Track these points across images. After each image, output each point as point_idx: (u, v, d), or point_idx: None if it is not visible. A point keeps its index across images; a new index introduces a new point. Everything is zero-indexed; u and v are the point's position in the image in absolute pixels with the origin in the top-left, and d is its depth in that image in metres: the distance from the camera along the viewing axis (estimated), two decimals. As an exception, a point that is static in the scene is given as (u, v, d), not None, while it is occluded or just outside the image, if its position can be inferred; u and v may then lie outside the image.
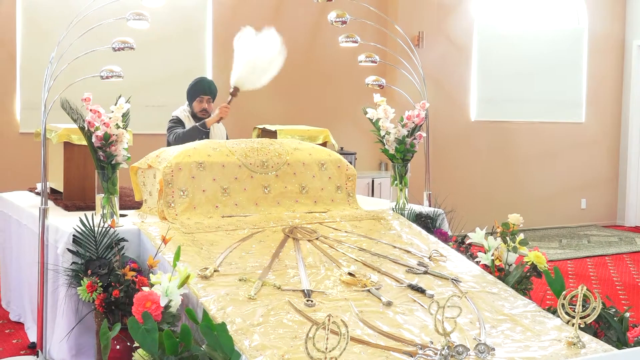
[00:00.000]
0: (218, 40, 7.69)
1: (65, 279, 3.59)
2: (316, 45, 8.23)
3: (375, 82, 5.13)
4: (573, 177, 10.13)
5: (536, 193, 9.82)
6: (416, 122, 4.81)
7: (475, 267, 3.91)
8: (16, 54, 6.83)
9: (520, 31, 9.67)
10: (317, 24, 8.12)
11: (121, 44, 4.06)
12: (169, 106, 6.42)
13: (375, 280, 3.54)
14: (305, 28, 8.24)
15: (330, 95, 8.42)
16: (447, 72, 9.08)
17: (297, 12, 8.16)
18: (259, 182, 4.37)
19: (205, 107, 5.76)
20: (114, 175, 3.93)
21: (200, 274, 3.35)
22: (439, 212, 4.82)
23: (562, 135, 10.03)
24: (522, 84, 9.71)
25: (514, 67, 9.64)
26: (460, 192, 8.75)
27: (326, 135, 5.44)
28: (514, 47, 9.63)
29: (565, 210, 10.06)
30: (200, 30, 7.68)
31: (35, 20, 6.86)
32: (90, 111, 3.85)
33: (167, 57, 7.41)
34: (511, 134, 9.65)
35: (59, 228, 3.83)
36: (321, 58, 8.29)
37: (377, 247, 4.03)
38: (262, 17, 8.03)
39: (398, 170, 4.85)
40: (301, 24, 8.23)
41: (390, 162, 4.95)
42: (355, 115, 7.84)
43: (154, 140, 6.40)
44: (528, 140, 9.78)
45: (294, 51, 8.22)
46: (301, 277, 3.50)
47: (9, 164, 6.80)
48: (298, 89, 8.24)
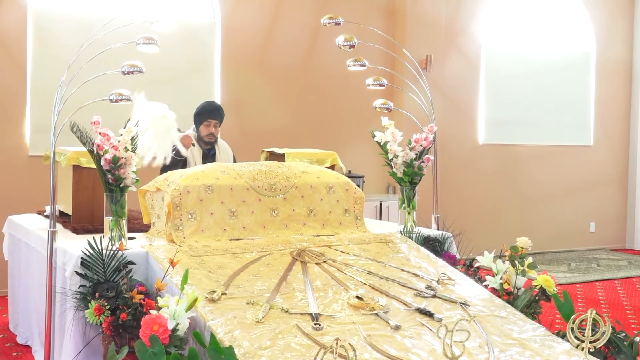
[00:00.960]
0: (227, 64, 7.74)
1: (73, 302, 3.58)
2: (324, 69, 8.27)
3: (383, 106, 5.14)
4: (582, 200, 10.10)
5: (545, 216, 9.78)
6: (424, 145, 4.81)
7: (483, 291, 3.89)
8: (27, 76, 6.88)
9: (529, 54, 9.69)
10: (325, 48, 8.16)
11: (130, 68, 4.08)
12: (178, 129, 6.45)
13: (383, 303, 3.52)
14: (313, 51, 8.28)
15: (338, 118, 8.44)
16: (455, 95, 9.10)
17: (304, 35, 8.20)
18: (266, 205, 4.37)
19: (212, 132, 5.76)
20: (122, 198, 3.93)
21: (208, 297, 3.35)
22: (447, 235, 4.81)
23: (570, 158, 10.01)
24: (530, 106, 9.71)
25: (522, 89, 9.65)
26: (468, 215, 8.73)
27: (334, 158, 5.45)
28: (522, 70, 9.65)
29: (574, 234, 10.01)
30: (209, 55, 7.73)
31: (46, 43, 6.92)
32: (99, 134, 3.87)
33: (175, 80, 7.45)
34: (519, 156, 9.64)
35: (67, 251, 3.84)
36: (329, 81, 8.32)
37: (385, 270, 4.01)
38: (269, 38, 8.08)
39: (406, 193, 4.84)
40: (309, 47, 8.28)
41: (398, 185, 4.94)
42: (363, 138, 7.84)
43: (162, 163, 6.42)
44: (536, 163, 9.76)
45: (302, 75, 8.27)
46: (309, 300, 3.49)
47: (18, 187, 6.83)
48: (306, 112, 8.27)
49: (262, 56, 8.01)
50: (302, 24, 8.17)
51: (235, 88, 7.83)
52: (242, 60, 7.86)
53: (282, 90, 8.12)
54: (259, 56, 8.00)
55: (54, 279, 3.85)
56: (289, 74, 8.12)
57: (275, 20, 8.14)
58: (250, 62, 7.91)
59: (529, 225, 9.47)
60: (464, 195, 9.16)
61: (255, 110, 7.96)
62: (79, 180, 4.66)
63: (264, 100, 8.03)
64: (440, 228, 5.09)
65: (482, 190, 9.37)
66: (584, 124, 10.16)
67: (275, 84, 8.08)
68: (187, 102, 6.49)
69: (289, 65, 8.13)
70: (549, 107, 9.85)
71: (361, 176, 7.79)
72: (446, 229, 4.97)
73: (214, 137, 5.77)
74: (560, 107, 9.94)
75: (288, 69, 8.12)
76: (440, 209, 5.30)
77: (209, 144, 5.71)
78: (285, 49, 8.13)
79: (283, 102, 8.16)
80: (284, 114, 8.16)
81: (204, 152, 5.70)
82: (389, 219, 7.94)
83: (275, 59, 8.05)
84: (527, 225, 9.47)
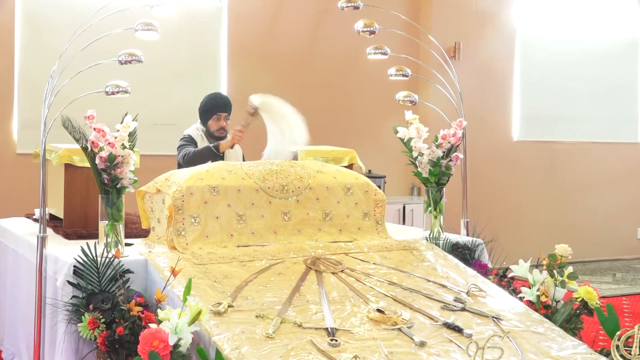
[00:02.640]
0: (233, 52, 7.76)
1: (64, 315, 3.60)
2: (341, 58, 8.27)
3: (407, 98, 5.13)
4: (628, 203, 10.04)
5: (586, 221, 9.74)
6: (452, 142, 4.80)
7: (518, 304, 3.88)
8: (14, 67, 6.93)
9: (568, 41, 9.66)
10: (343, 35, 8.16)
11: (128, 57, 4.09)
12: (179, 125, 6.48)
13: (406, 317, 3.52)
14: (331, 39, 8.28)
15: (356, 113, 8.44)
16: (486, 87, 9.08)
17: (320, 21, 8.21)
18: (278, 208, 4.38)
19: (223, 126, 5.78)
20: (119, 201, 3.95)
21: (213, 309, 3.35)
22: (477, 242, 4.80)
23: (615, 156, 9.96)
24: (570, 99, 9.68)
25: (561, 80, 9.62)
26: (501, 219, 8.71)
27: (352, 157, 5.45)
28: (561, 59, 9.62)
29: (619, 241, 9.96)
30: (214, 42, 7.75)
31: (36, 30, 6.96)
32: (94, 130, 3.88)
33: (178, 71, 7.48)
34: (558, 155, 9.61)
35: (59, 258, 3.86)
36: (347, 72, 8.32)
37: (409, 280, 4.01)
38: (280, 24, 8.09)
39: (432, 195, 4.84)
40: (326, 34, 8.28)
41: (423, 186, 4.93)
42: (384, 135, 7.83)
43: (163, 162, 6.44)
44: (577, 162, 9.72)
45: (318, 65, 8.27)
46: (324, 313, 3.49)
47: (4, 188, 6.88)
48: (321, 105, 8.27)
49: (273, 44, 8.03)
50: (317, 8, 8.17)
51: (243, 79, 7.84)
52: (251, 49, 7.88)
53: (295, 82, 8.12)
54: (270, 44, 8.01)
55: (44, 289, 3.86)
56: (302, 64, 8.13)
57: (288, 4, 8.15)
58: (260, 51, 7.93)
59: (569, 231, 9.43)
60: (496, 198, 9.13)
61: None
62: (71, 181, 4.68)
63: (275, 92, 8.00)
64: (470, 234, 5.08)
65: (516, 192, 9.34)
66: (631, 118, 10.10)
67: (287, 75, 8.08)
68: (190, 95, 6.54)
69: (302, 54, 8.14)
70: (592, 99, 9.81)
71: (382, 176, 7.79)
72: (477, 235, 4.95)
73: (225, 131, 5.80)
74: (604, 99, 9.89)
75: (301, 59, 8.13)
76: (470, 213, 5.29)
77: (219, 140, 5.73)
78: (298, 36, 8.14)
79: (296, 95, 8.12)
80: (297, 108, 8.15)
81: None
82: (413, 223, 7.93)
83: (287, 47, 8.06)
84: (567, 231, 9.43)
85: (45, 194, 4.03)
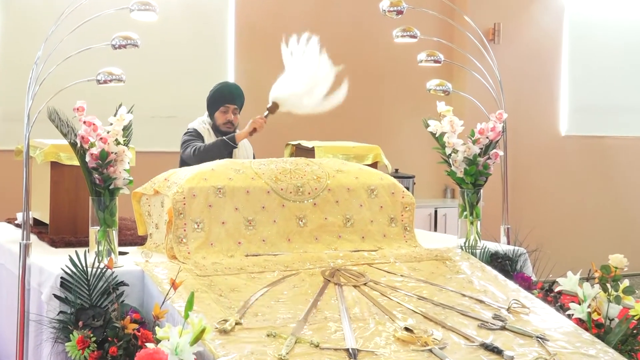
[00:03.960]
0: (242, 36, 7.77)
1: (50, 333, 3.61)
2: (364, 41, 8.27)
3: (439, 88, 5.12)
4: (693, 207, 9.99)
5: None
6: (491, 138, 4.79)
7: (566, 322, 3.87)
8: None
9: (625, 22, 9.61)
10: (366, 16, 8.16)
11: (123, 41, 4.11)
12: (180, 118, 6.51)
13: (438, 337, 3.51)
14: (352, 20, 8.28)
15: (381, 104, 8.44)
16: (530, 75, 9.05)
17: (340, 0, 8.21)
18: (292, 213, 4.38)
19: (230, 119, 5.80)
20: (112, 204, 3.96)
21: (219, 327, 3.36)
22: (520, 251, 4.79)
23: (678, 154, 9.92)
24: (626, 88, 9.63)
25: (616, 67, 9.57)
26: (547, 225, 8.68)
27: (377, 154, 5.45)
28: (617, 42, 9.57)
29: (682, 250, 9.91)
30: (220, 22, 7.77)
31: (18, 10, 7.00)
32: (84, 123, 3.90)
33: (179, 57, 7.50)
34: (612, 151, 9.57)
35: (44, 268, 3.87)
36: (370, 57, 8.32)
37: (441, 295, 4.00)
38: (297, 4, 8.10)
39: (468, 197, 4.83)
40: (346, 15, 8.28)
41: (457, 187, 4.93)
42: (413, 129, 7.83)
43: (162, 160, 6.45)
44: (634, 159, 9.67)
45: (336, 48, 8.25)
46: (345, 332, 3.49)
47: (-17, 189, 6.92)
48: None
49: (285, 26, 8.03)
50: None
51: (252, 66, 7.86)
52: (261, 32, 7.89)
53: (311, 69, 8.12)
54: (283, 27, 8.01)
55: (27, 303, 3.88)
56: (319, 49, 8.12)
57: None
58: (271, 34, 7.92)
59: (624, 239, 9.39)
60: (541, 201, 9.10)
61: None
62: (58, 181, 4.70)
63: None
64: (511, 242, 5.07)
65: (564, 194, 9.30)
66: (697, 109, 10.04)
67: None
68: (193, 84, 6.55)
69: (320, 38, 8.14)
70: (651, 89, 9.76)
71: (411, 176, 7.78)
72: (519, 244, 4.94)
73: (233, 126, 5.82)
74: (666, 89, 9.85)
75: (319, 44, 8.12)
76: (512, 218, 5.28)
77: (225, 136, 5.74)
78: (314, 18, 8.14)
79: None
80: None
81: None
82: (446, 230, 7.92)
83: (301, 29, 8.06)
84: (622, 239, 9.39)
85: (28, 196, 4.04)
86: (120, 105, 4.03)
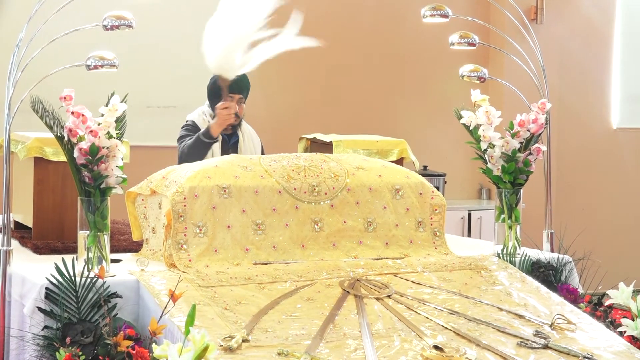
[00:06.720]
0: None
1: (34, 350, 3.63)
2: (388, 21, 8.27)
3: (474, 74, 5.12)
4: None
5: None
6: (532, 131, 4.79)
7: (618, 340, 3.87)
8: (-30, 35, 7.02)
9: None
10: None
11: (115, 21, 4.12)
12: (180, 108, 6.53)
13: (472, 356, 3.52)
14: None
15: (408, 92, 8.44)
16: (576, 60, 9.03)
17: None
18: (306, 216, 4.39)
19: (235, 111, 5.80)
20: (103, 205, 3.98)
21: (224, 344, 3.37)
22: (565, 259, 4.78)
23: None
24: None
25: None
26: (596, 231, 8.66)
27: (403, 149, 5.45)
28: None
29: None
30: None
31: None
32: (72, 114, 3.91)
33: (178, 41, 7.51)
34: (671, 147, 9.54)
35: (27, 278, 3.89)
36: (393, 39, 8.32)
37: (475, 309, 4.01)
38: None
39: (506, 198, 4.83)
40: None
41: (494, 187, 4.93)
42: (444, 121, 7.83)
43: (159, 156, 6.48)
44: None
45: (358, 32, 8.28)
46: (366, 351, 3.50)
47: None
48: (362, 83, 8.28)
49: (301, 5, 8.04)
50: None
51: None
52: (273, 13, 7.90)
53: (330, 54, 8.11)
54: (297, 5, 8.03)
55: (8, 317, 3.90)
56: (339, 31, 8.13)
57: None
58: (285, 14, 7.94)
59: (685, 247, 9.37)
60: (589, 203, 9.09)
61: (289, 82, 7.99)
62: (43, 179, 4.72)
63: (301, 68, 8.05)
64: (555, 249, 5.06)
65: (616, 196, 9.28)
66: None
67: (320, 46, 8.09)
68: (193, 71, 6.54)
69: (338, 18, 8.15)
70: None
71: (442, 174, 7.78)
72: (564, 251, 4.94)
73: (238, 118, 5.82)
74: None
75: (337, 25, 8.13)
76: (556, 222, 5.27)
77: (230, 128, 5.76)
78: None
79: (328, 71, 8.18)
80: (330, 87, 8.18)
81: (223, 138, 5.75)
82: (482, 235, 7.92)
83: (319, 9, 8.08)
84: (682, 246, 9.37)
85: (9, 197, 4.06)
86: (112, 94, 4.04)
